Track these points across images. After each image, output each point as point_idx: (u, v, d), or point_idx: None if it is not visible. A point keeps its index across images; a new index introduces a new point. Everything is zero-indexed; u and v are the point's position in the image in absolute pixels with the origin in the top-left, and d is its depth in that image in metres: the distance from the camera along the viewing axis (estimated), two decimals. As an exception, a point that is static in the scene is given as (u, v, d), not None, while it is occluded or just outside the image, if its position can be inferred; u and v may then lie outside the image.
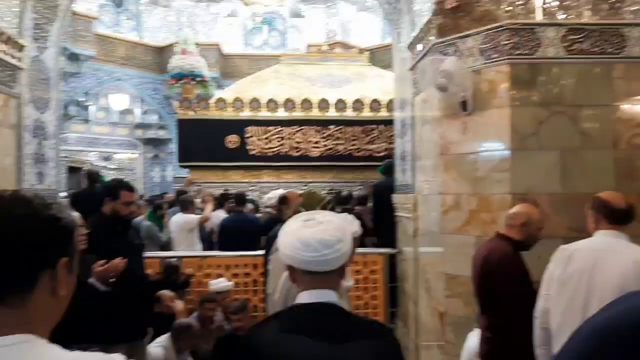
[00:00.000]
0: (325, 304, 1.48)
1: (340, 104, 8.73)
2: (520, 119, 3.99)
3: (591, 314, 2.32)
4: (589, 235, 2.80)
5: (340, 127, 8.67)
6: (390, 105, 8.37)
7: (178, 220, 7.00)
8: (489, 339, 3.10)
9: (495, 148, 4.08)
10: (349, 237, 1.55)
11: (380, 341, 1.45)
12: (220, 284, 5.58)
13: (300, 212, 1.90)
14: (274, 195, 5.84)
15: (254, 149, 9.28)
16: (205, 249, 7.02)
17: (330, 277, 1.52)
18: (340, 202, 7.14)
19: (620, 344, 1.48)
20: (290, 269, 1.56)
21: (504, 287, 2.73)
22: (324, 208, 3.69)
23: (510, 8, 4.17)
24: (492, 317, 3.04)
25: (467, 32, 4.26)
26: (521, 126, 3.99)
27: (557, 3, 4.14)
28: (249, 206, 7.81)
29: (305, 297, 1.52)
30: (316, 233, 1.49)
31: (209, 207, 7.13)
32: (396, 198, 6.02)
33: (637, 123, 3.99)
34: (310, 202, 3.79)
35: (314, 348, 1.38)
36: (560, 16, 4.11)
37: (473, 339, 3.68)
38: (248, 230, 6.57)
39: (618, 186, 3.91)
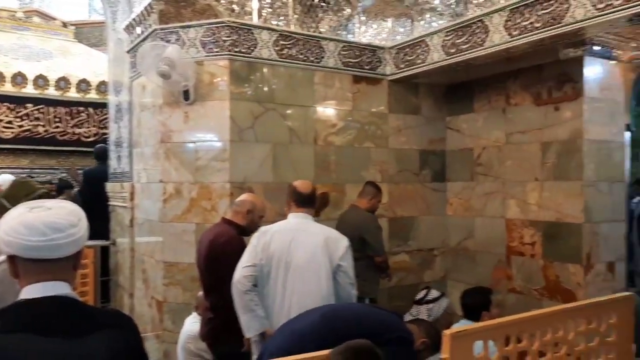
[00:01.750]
0: (56, 297, 1.34)
1: (41, 81, 7.70)
2: (238, 113, 4.26)
3: (290, 283, 2.79)
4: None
5: (40, 106, 7.65)
6: (101, 87, 7.80)
7: None
8: (210, 319, 3.26)
9: (215, 138, 4.26)
10: (85, 224, 1.44)
11: (120, 331, 1.40)
12: None
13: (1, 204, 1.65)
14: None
15: None
16: None
17: (61, 267, 1.37)
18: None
19: (314, 341, 2.06)
20: (11, 260, 1.36)
21: (227, 269, 2.91)
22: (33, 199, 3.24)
23: (231, 6, 4.41)
24: (214, 298, 3.20)
25: (190, 23, 4.32)
26: (239, 119, 4.26)
27: (271, 10, 4.56)
28: None
29: (30, 291, 1.35)
30: (45, 216, 1.33)
31: None
32: (110, 186, 5.68)
33: (331, 124, 4.72)
34: (16, 193, 3.28)
35: (48, 345, 1.24)
36: (274, 22, 4.55)
37: (189, 322, 3.81)
38: None
39: (317, 177, 4.57)
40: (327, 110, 4.70)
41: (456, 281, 5.30)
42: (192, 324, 3.75)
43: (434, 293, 3.92)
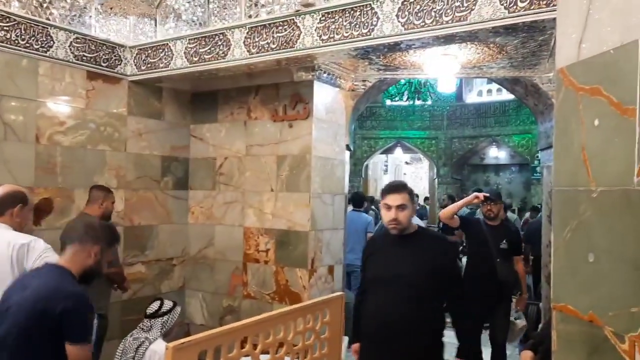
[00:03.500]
0: None
1: None
2: None
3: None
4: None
5: None
6: None
7: None
8: None
9: None
10: None
11: None
12: None
13: None
14: None
15: None
16: None
17: None
18: None
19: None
20: None
21: None
22: None
23: None
24: None
25: None
26: None
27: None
28: None
29: None
30: None
31: None
32: None
33: (59, 121, 4.22)
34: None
35: None
36: (-11, -3, 3.86)
37: None
38: None
39: (38, 180, 4.02)
40: (54, 106, 4.19)
41: (194, 290, 5.28)
42: None
43: (168, 304, 3.81)
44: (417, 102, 13.50)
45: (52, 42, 4.10)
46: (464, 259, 7.52)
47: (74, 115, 4.32)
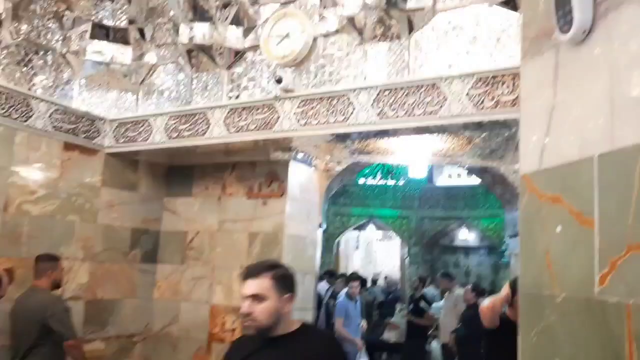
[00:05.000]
0: None
1: None
2: None
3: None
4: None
5: None
6: None
7: None
8: None
9: None
10: None
11: None
12: None
13: None
14: None
15: None
16: None
17: None
18: None
19: None
20: None
21: None
22: None
23: None
24: None
25: None
26: None
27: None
28: None
29: None
30: None
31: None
32: None
33: (30, 190, 4.16)
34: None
35: None
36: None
37: None
38: None
39: (2, 249, 3.91)
40: (26, 175, 4.15)
41: (155, 370, 5.04)
42: None
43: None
44: (390, 182, 13.78)
45: (31, 112, 4.14)
46: (434, 343, 7.44)
47: (46, 184, 4.28)
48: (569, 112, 1.52)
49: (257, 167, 4.82)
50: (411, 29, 3.60)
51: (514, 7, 3.14)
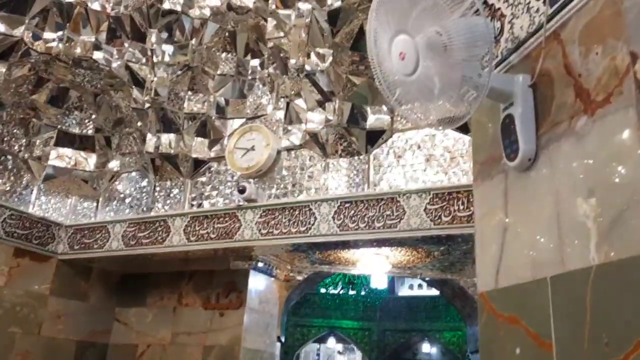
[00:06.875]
0: None
1: None
2: None
3: None
4: None
5: None
6: None
7: None
8: None
9: None
10: None
11: None
12: None
13: None
14: None
15: None
16: None
17: None
18: None
19: None
20: None
21: None
22: None
23: None
24: None
25: None
26: None
27: None
28: None
29: None
30: None
31: None
32: None
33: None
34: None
35: None
36: None
37: None
38: None
39: None
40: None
41: None
42: None
43: None
44: (351, 292, 13.61)
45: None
46: None
47: (-11, 293, 4.04)
48: (521, 234, 1.59)
49: (215, 277, 4.71)
50: (371, 145, 3.78)
51: (466, 130, 3.37)
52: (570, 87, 1.48)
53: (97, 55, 4.20)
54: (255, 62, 4.32)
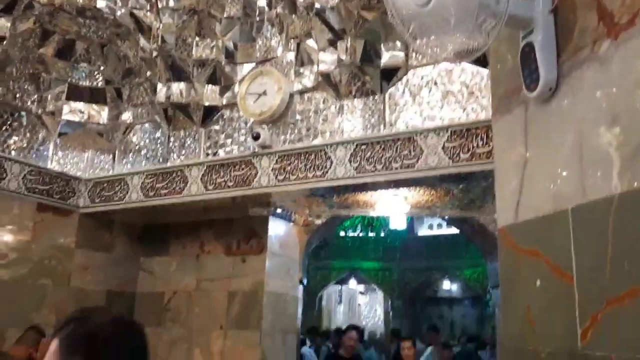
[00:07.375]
0: None
1: None
2: None
3: None
4: None
5: None
6: None
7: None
8: None
9: None
10: None
11: None
12: None
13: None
14: None
15: None
16: None
17: None
18: None
19: None
20: None
21: None
22: None
23: None
24: None
25: None
26: None
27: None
28: None
29: None
30: None
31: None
32: None
33: (0, 254, 4.03)
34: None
35: None
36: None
37: None
38: None
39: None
40: (-3, 239, 4.03)
41: None
42: None
43: None
44: (370, 234, 13.74)
45: (5, 174, 4.06)
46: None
47: (17, 248, 4.15)
48: (541, 167, 1.54)
49: (235, 224, 4.75)
50: (386, 84, 3.69)
51: (484, 64, 3.24)
52: (592, 10, 1.39)
53: (101, 3, 4.11)
54: (262, 2, 4.18)
